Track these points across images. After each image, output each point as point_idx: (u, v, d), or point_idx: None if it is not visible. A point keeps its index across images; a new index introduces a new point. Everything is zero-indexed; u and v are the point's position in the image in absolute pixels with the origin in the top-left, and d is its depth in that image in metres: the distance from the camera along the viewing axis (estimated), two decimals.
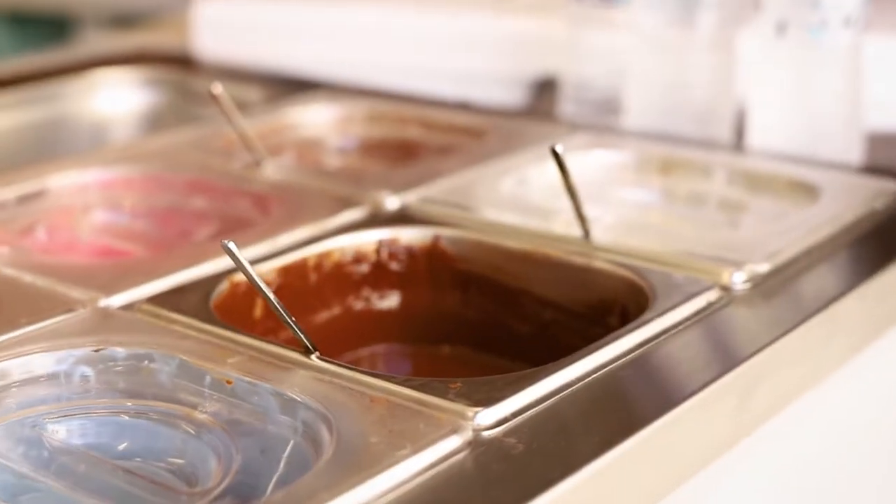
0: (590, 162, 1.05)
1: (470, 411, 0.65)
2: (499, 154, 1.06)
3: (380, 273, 0.90)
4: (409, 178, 1.01)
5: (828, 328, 0.81)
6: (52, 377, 0.70)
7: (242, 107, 1.25)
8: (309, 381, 0.69)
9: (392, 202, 0.97)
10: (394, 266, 0.91)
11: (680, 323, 0.77)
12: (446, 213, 0.94)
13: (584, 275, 0.86)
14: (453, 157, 1.09)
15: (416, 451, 0.61)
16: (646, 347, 0.74)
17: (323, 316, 0.89)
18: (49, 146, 1.28)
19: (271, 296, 0.70)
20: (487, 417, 0.65)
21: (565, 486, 0.60)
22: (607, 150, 1.08)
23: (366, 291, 0.91)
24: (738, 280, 0.83)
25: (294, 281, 0.86)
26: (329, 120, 1.22)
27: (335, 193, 0.98)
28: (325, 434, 0.64)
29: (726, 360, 0.74)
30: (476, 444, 0.63)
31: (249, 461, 0.65)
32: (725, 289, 0.82)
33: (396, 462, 0.60)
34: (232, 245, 0.68)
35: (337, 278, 0.89)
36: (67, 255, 0.93)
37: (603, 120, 1.21)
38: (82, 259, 0.90)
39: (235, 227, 0.96)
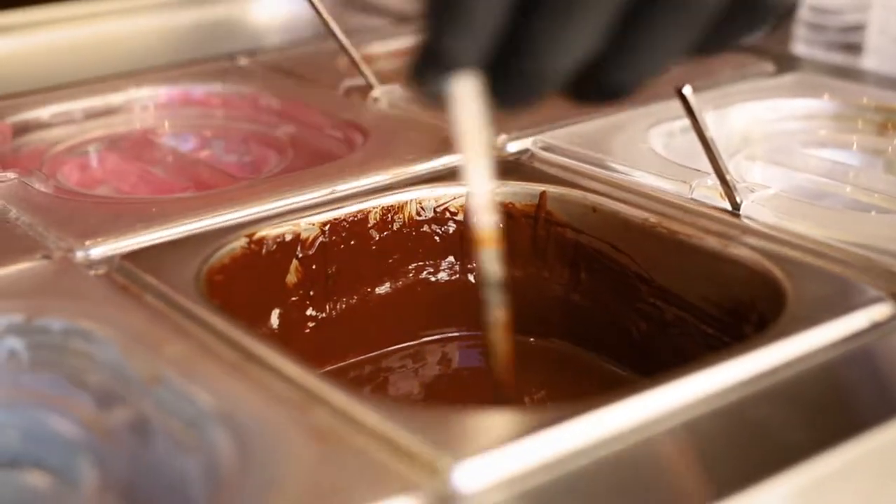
0: (785, 110, 0.82)
1: (445, 462, 0.45)
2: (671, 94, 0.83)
3: (467, 237, 0.70)
4: (545, 117, 0.80)
5: None
6: None
7: (406, 19, 1.07)
8: (253, 393, 0.50)
9: (511, 147, 0.76)
10: None
11: (816, 352, 0.54)
12: (570, 165, 0.73)
13: (716, 263, 0.63)
14: None
15: None
16: (749, 389, 0.51)
17: (383, 289, 0.69)
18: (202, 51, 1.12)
19: None
20: (469, 477, 0.45)
21: None
22: (813, 98, 0.83)
23: (447, 260, 0.71)
24: None
25: (347, 240, 0.68)
26: None
27: (443, 132, 0.78)
28: (224, 473, 0.45)
29: (869, 415, 0.51)
30: None
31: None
32: None
33: None
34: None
35: (408, 240, 0.70)
36: (97, 187, 0.77)
37: (838, 58, 0.96)
38: (92, 197, 0.73)
39: (309, 162, 0.77)
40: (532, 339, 0.70)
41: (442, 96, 0.46)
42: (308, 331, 0.67)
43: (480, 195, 0.51)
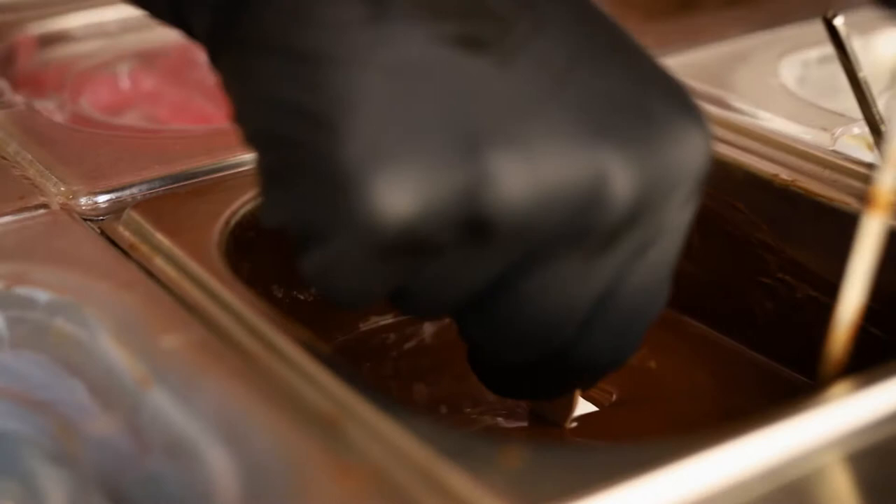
0: None
1: None
2: (810, 14, 0.69)
3: None
4: (652, 41, 0.67)
5: None
6: None
7: None
8: (269, 403, 0.39)
9: None
10: None
11: None
12: None
13: None
14: (739, 14, 0.74)
15: None
16: None
17: None
18: None
19: None
20: None
21: None
22: None
23: None
24: None
25: None
26: None
27: None
28: None
29: None
30: None
31: None
32: None
33: None
34: None
35: None
36: (126, 113, 0.66)
37: None
38: (110, 127, 0.62)
39: None
40: None
41: None
42: None
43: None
